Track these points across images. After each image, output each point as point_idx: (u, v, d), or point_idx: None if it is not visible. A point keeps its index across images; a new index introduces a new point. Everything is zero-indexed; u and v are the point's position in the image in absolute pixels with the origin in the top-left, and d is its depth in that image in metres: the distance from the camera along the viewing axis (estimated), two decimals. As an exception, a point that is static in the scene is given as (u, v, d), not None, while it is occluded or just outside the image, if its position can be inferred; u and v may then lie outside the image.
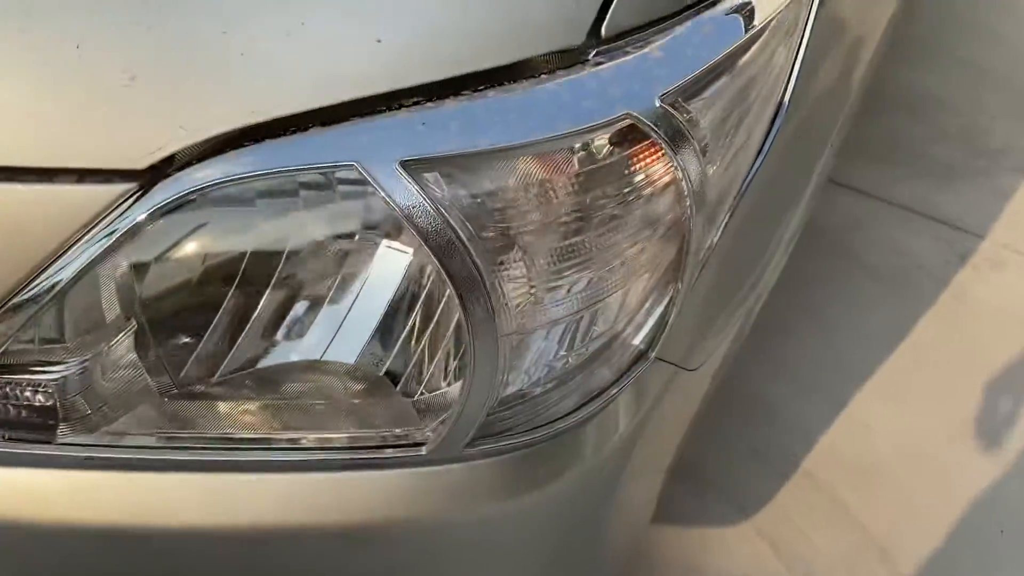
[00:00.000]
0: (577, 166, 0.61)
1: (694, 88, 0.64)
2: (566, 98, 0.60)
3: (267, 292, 0.67)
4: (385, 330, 0.69)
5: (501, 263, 0.60)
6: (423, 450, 0.65)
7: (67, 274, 0.61)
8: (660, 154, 0.62)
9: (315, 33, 0.60)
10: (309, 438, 0.68)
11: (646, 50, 0.63)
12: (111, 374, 0.67)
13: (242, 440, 0.67)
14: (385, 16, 0.60)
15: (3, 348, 0.63)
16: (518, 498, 0.69)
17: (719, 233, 0.75)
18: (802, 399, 1.63)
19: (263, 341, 0.71)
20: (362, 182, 0.58)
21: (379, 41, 0.60)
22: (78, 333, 0.65)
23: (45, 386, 0.65)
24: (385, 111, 0.60)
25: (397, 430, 0.68)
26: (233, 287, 0.67)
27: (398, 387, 0.70)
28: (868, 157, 2.06)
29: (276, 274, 0.66)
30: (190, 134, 0.58)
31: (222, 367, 0.70)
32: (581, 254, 0.63)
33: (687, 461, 1.06)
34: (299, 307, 0.70)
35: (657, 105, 0.61)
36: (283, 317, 0.70)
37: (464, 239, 0.58)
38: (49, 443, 0.65)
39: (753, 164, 0.77)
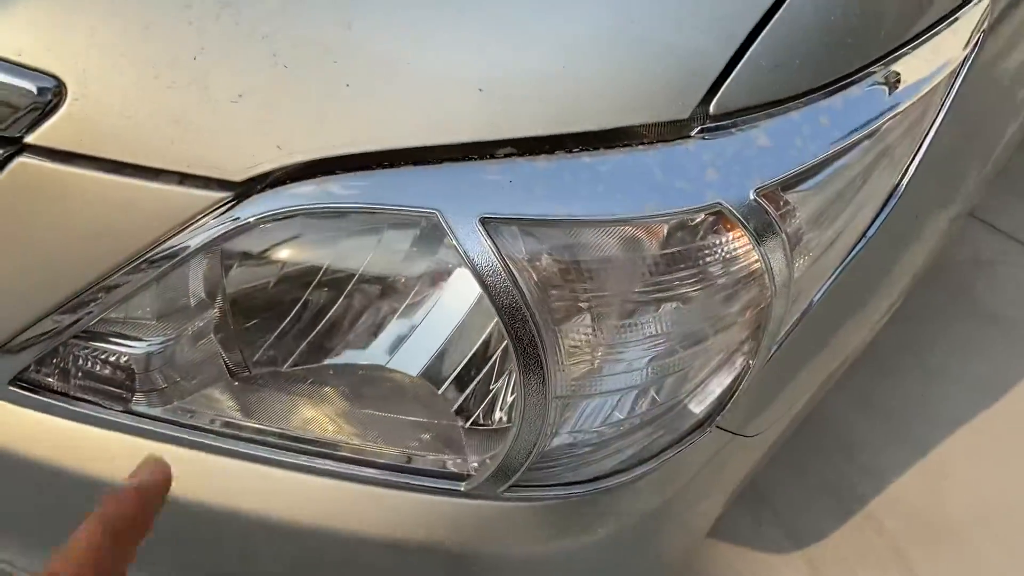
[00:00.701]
0: (657, 248, 0.60)
1: (796, 179, 0.62)
2: (659, 176, 0.59)
3: (341, 299, 0.69)
4: (451, 352, 0.70)
5: (564, 329, 0.60)
6: (462, 486, 0.67)
7: (160, 264, 0.64)
8: (745, 245, 0.60)
9: (420, 73, 0.60)
10: (361, 446, 0.70)
11: (753, 134, 0.61)
12: (189, 353, 0.71)
13: (296, 439, 0.70)
14: (490, 63, 0.60)
15: (97, 319, 0.67)
16: (549, 544, 0.70)
17: (803, 313, 0.73)
18: (885, 440, 1.59)
19: (333, 340, 0.73)
20: (442, 228, 0.59)
21: (481, 90, 0.60)
22: (163, 315, 0.69)
23: (128, 358, 0.69)
24: (476, 159, 0.60)
25: (444, 457, 0.70)
26: (310, 290, 0.69)
27: (453, 408, 0.72)
28: (1017, 193, 1.94)
29: (352, 284, 0.68)
30: (286, 155, 0.60)
31: (292, 357, 0.73)
32: (649, 331, 0.62)
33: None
34: (371, 315, 0.72)
35: (751, 198, 0.59)
36: (355, 322, 0.72)
37: (529, 302, 0.58)
38: (123, 411, 0.70)
39: (854, 247, 0.74)
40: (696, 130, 0.60)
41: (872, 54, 0.65)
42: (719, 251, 0.60)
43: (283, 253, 0.67)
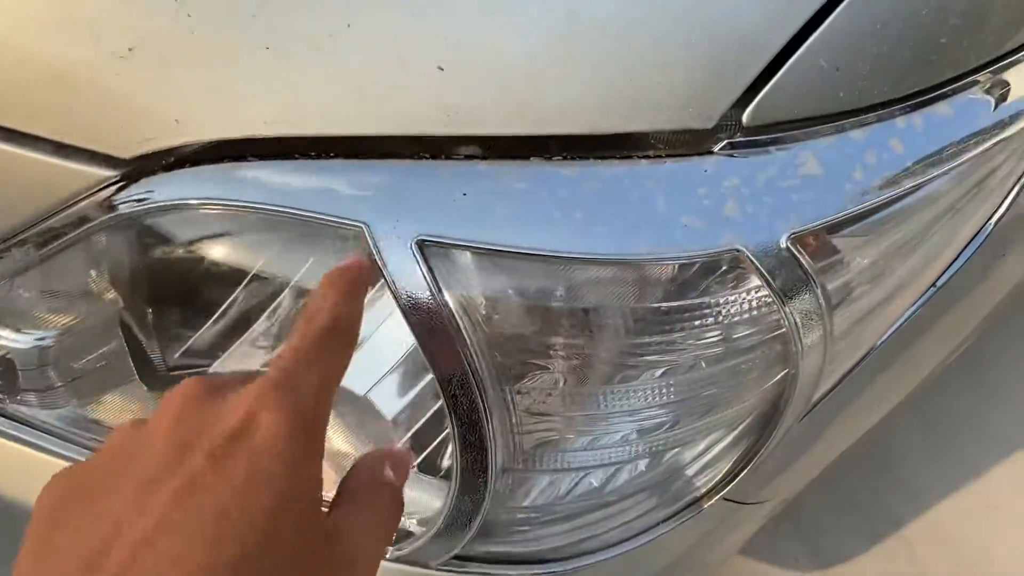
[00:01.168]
0: (651, 298, 0.45)
1: (850, 221, 0.46)
2: (661, 206, 0.44)
3: (277, 301, 0.57)
4: (405, 378, 0.57)
5: (519, 390, 0.46)
6: (390, 551, 0.54)
7: (40, 245, 0.52)
8: (768, 300, 0.45)
9: (363, 39, 0.45)
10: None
11: (797, 156, 0.45)
12: (87, 350, 0.59)
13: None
14: (457, 36, 0.45)
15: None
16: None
17: (844, 376, 0.57)
18: (932, 459, 1.42)
19: (269, 342, 0.61)
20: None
21: (441, 69, 0.45)
22: (55, 305, 0.57)
23: (8, 351, 0.57)
24: (427, 158, 0.46)
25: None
26: (240, 289, 0.56)
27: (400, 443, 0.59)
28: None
29: (282, 293, 0.55)
30: (186, 130, 0.47)
31: (222, 357, 0.61)
32: (635, 401, 0.48)
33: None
34: None
35: (783, 246, 0.44)
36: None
37: (472, 354, 0.45)
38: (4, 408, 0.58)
39: (922, 297, 0.58)
40: (721, 144, 0.45)
41: (972, 62, 0.48)
42: (733, 307, 0.45)
43: (203, 248, 0.54)
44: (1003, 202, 0.58)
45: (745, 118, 0.45)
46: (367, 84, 0.45)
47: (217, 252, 0.54)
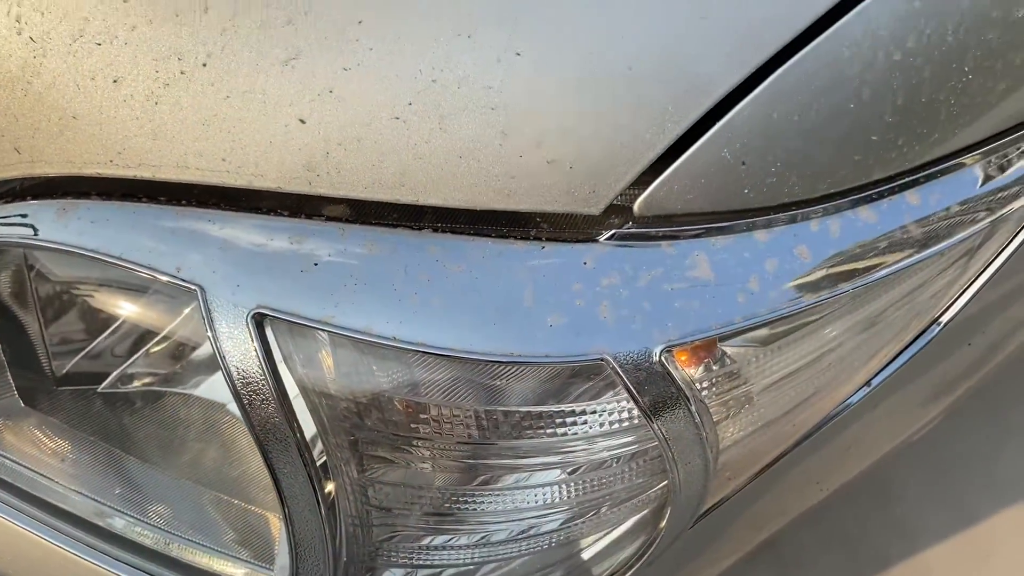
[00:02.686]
0: (503, 402, 0.41)
1: (742, 332, 0.41)
2: (528, 300, 0.39)
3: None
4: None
5: (361, 483, 0.42)
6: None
7: None
8: (635, 418, 0.41)
9: (225, 82, 0.41)
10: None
11: (687, 256, 0.40)
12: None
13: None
14: (321, 86, 0.40)
15: None
16: None
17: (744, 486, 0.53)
18: (931, 497, 1.34)
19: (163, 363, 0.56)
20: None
21: (303, 122, 0.40)
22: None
23: None
24: (284, 216, 0.41)
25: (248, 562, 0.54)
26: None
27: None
28: None
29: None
30: (26, 162, 0.42)
31: (113, 375, 0.57)
32: (490, 505, 0.43)
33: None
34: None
35: (655, 359, 0.39)
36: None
37: (307, 441, 0.40)
38: None
39: (843, 402, 0.53)
40: (608, 235, 0.40)
41: (905, 163, 0.43)
42: (601, 418, 0.41)
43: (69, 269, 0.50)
44: (947, 308, 0.52)
45: (636, 207, 0.40)
46: (225, 129, 0.41)
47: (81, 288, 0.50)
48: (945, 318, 0.52)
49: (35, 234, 0.43)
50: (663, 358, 0.39)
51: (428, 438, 0.41)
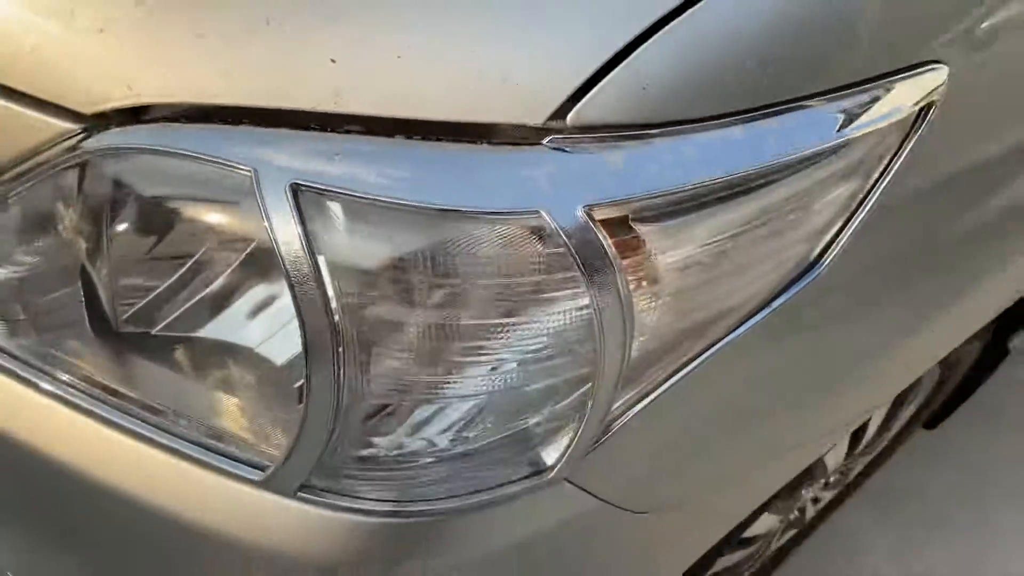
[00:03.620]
0: (472, 248, 0.55)
1: (646, 210, 0.56)
2: (489, 176, 0.55)
3: (228, 270, 0.67)
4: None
5: (363, 325, 0.56)
6: (258, 475, 0.63)
7: (11, 187, 0.64)
8: (569, 275, 0.55)
9: (279, 34, 0.58)
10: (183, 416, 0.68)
11: (606, 155, 0.56)
12: (51, 291, 0.71)
13: (127, 398, 0.68)
14: (348, 37, 0.58)
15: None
16: (338, 567, 0.64)
17: (684, 368, 0.66)
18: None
19: (210, 312, 0.71)
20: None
21: (333, 61, 0.58)
22: (24, 243, 0.69)
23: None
24: (318, 130, 0.58)
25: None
26: (199, 255, 0.67)
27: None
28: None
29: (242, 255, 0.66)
30: (134, 95, 0.60)
31: (165, 322, 0.71)
32: (476, 341, 0.58)
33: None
34: (251, 293, 0.69)
35: (578, 214, 0.54)
36: (233, 296, 0.70)
37: (328, 290, 0.55)
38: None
39: (752, 316, 0.66)
40: (547, 139, 0.56)
41: (793, 91, 0.59)
42: (535, 268, 0.55)
43: (161, 204, 0.66)
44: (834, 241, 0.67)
45: (568, 120, 0.56)
46: (279, 69, 0.58)
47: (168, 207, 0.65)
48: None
49: (140, 143, 0.59)
50: (585, 213, 0.53)
51: (417, 280, 0.56)
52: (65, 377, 0.68)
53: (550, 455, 0.66)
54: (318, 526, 0.64)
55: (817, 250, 0.67)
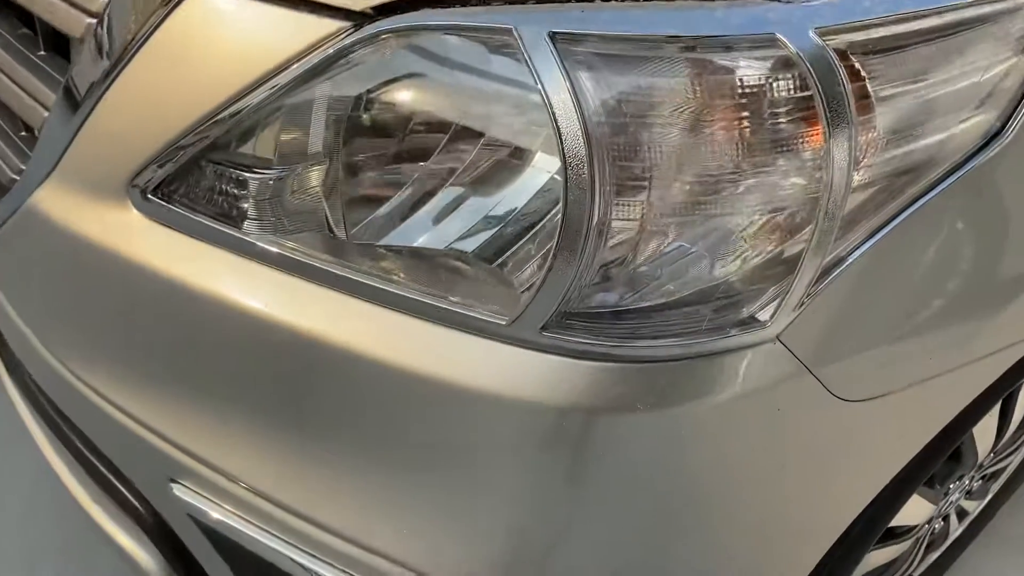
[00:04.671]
0: (716, 83, 0.62)
1: (874, 45, 0.63)
2: (721, 11, 0.62)
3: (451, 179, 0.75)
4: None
5: (615, 155, 0.63)
6: (503, 321, 0.69)
7: (282, 90, 0.73)
8: (807, 105, 0.61)
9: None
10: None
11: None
12: (299, 195, 0.79)
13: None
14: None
15: (230, 144, 0.77)
16: (576, 410, 0.69)
17: (886, 229, 0.71)
18: None
19: (428, 223, 0.78)
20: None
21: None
22: (282, 151, 0.77)
23: (245, 183, 0.78)
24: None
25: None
26: (432, 159, 0.75)
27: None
28: None
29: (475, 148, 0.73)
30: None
31: (389, 235, 0.78)
32: (704, 179, 0.64)
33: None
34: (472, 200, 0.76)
35: (811, 37, 0.61)
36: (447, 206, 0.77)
37: (590, 128, 0.62)
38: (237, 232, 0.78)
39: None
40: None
41: None
42: (771, 98, 0.62)
43: (404, 102, 0.73)
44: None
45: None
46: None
47: (418, 99, 0.73)
48: None
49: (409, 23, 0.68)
50: (818, 37, 0.60)
51: (671, 116, 0.63)
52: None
53: (767, 309, 0.71)
54: (559, 372, 0.69)
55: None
